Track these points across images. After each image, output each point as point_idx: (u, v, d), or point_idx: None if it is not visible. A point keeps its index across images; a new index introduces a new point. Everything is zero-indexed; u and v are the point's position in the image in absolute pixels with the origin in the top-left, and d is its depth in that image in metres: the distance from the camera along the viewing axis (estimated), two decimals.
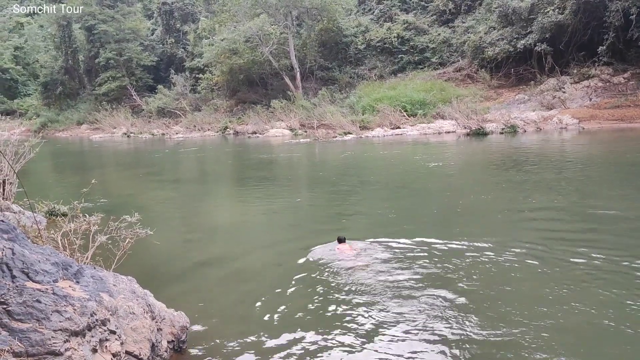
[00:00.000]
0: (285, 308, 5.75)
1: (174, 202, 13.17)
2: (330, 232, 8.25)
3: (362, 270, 6.75)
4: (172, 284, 6.71)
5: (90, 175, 12.44)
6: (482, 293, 5.76)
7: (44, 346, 3.53)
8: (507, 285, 5.98)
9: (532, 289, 5.83)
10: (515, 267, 6.53)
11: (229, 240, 8.80)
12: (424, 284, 6.08)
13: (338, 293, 5.97)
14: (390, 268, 6.72)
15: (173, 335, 4.78)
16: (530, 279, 6.18)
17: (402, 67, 36.21)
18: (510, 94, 29.33)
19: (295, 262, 7.25)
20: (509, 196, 10.74)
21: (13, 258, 4.26)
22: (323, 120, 30.60)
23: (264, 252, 7.83)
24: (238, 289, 6.42)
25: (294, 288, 6.34)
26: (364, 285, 6.14)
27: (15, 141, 11.18)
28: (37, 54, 60.39)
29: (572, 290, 5.76)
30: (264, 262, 7.40)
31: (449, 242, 7.60)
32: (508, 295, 5.67)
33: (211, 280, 6.79)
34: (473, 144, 21.32)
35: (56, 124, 50.58)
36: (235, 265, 7.33)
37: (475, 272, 6.38)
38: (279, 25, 36.98)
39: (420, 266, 6.71)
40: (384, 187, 13.12)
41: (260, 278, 6.79)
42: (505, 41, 29.36)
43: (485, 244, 7.36)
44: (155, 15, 53.60)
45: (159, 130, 40.53)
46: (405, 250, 7.35)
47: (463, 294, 5.75)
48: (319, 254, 7.46)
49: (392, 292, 5.90)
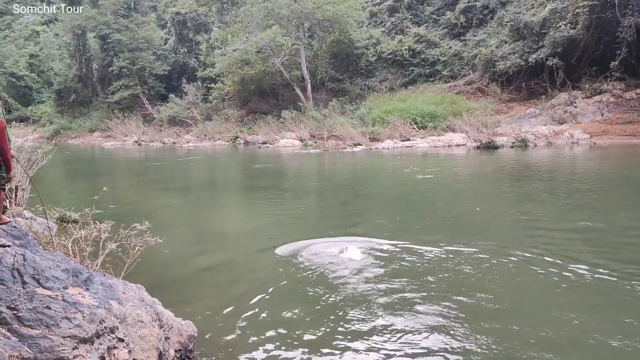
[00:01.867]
0: (295, 318, 5.75)
1: (183, 209, 13.23)
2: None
3: (361, 275, 6.89)
4: (180, 292, 6.73)
5: (101, 182, 12.52)
6: (482, 300, 5.73)
7: (53, 353, 3.54)
8: (512, 295, 5.94)
9: (536, 300, 5.79)
10: (520, 278, 6.50)
11: (238, 248, 8.81)
12: (409, 287, 6.07)
13: (350, 302, 5.96)
14: (384, 271, 6.76)
15: (180, 344, 4.78)
16: (535, 290, 6.14)
17: (413, 79, 36.27)
18: (521, 107, 29.25)
19: (304, 269, 7.27)
20: (518, 209, 10.69)
21: (24, 264, 4.30)
22: (333, 131, 30.65)
23: (272, 261, 7.84)
24: (247, 298, 6.42)
25: (304, 297, 6.35)
26: (371, 293, 6.13)
27: (28, 148, 11.31)
28: (52, 62, 61.16)
29: (574, 302, 5.72)
30: (272, 271, 7.40)
31: (450, 248, 7.60)
32: (511, 306, 5.63)
33: (219, 288, 6.80)
34: (483, 157, 21.26)
35: (69, 131, 51.07)
36: (244, 274, 7.34)
37: (480, 280, 6.36)
38: (291, 36, 37.24)
39: (406, 268, 6.78)
40: (390, 198, 13.10)
41: (269, 287, 6.79)
42: (516, 55, 29.34)
43: (488, 253, 7.35)
44: (169, 25, 54.16)
45: (169, 138, 40.78)
46: (398, 253, 7.46)
47: (463, 300, 5.73)
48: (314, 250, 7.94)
49: (395, 301, 5.90)
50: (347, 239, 8.87)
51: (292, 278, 7.05)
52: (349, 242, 8.62)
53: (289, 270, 7.37)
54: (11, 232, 4.77)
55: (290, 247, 8.49)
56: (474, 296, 6.09)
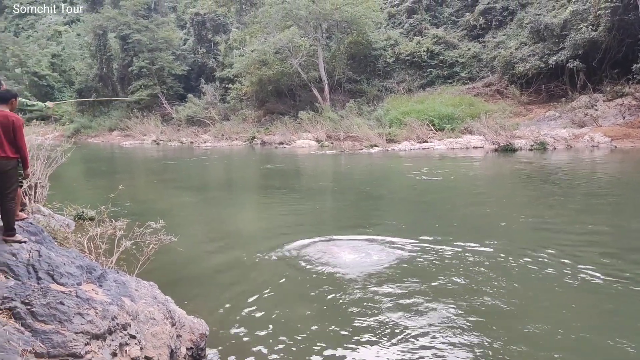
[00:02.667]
0: (307, 317, 5.76)
1: (198, 208, 13.32)
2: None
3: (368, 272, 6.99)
4: (193, 290, 6.76)
5: (118, 180, 12.67)
6: (492, 301, 5.67)
7: (65, 348, 3.58)
8: (522, 296, 5.87)
9: (547, 302, 5.71)
10: (530, 279, 6.44)
11: (251, 247, 8.83)
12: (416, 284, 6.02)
13: (361, 301, 5.94)
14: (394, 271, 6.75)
15: (192, 343, 4.80)
16: (546, 291, 6.06)
17: (430, 81, 36.06)
18: (540, 110, 28.90)
19: (317, 269, 7.27)
20: (533, 211, 10.57)
21: (39, 260, 4.35)
22: (350, 132, 30.59)
23: (285, 259, 7.85)
24: (258, 296, 6.43)
25: (316, 296, 6.36)
26: (380, 290, 6.11)
27: (48, 146, 11.49)
28: (74, 61, 62.04)
29: (584, 305, 5.63)
30: (284, 270, 7.41)
31: (462, 249, 7.54)
32: (521, 308, 5.56)
33: (231, 287, 6.82)
34: (501, 159, 21.06)
35: (89, 130, 51.74)
36: (256, 273, 7.36)
37: (489, 281, 6.30)
38: (309, 37, 37.27)
39: (417, 267, 6.73)
40: (405, 199, 13.06)
41: (281, 285, 6.81)
42: (536, 57, 28.99)
43: (501, 255, 7.27)
44: (188, 25, 54.59)
45: (187, 138, 41.08)
46: (409, 252, 7.42)
47: (473, 301, 5.67)
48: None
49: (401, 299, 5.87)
50: (359, 237, 8.91)
51: (304, 277, 7.06)
52: (362, 240, 8.69)
53: (301, 269, 7.39)
54: (27, 229, 4.84)
55: (302, 245, 8.55)
56: (483, 297, 6.05)
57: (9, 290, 3.80)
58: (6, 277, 4.04)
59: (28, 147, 5.05)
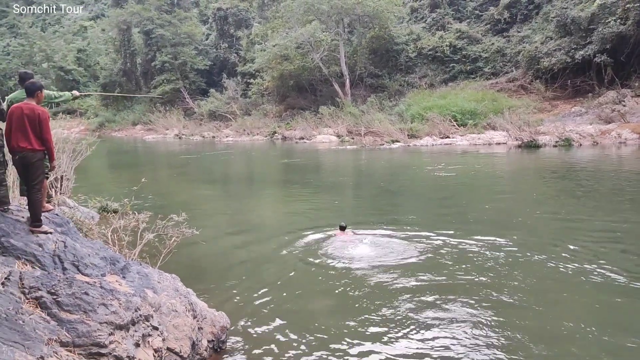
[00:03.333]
0: (326, 309, 5.77)
1: (219, 201, 13.43)
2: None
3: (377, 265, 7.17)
4: (213, 282, 6.81)
5: (141, 173, 12.79)
6: (509, 295, 5.60)
7: (90, 337, 3.64)
8: (539, 291, 5.78)
9: (561, 296, 5.62)
10: (547, 274, 6.35)
11: (271, 240, 8.88)
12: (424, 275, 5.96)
13: (380, 294, 5.92)
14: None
15: (213, 335, 4.84)
16: (562, 286, 5.97)
17: (453, 76, 35.66)
18: (565, 106, 28.38)
19: (335, 262, 7.29)
20: (554, 208, 10.41)
21: (65, 251, 4.43)
22: (371, 127, 30.45)
23: (304, 253, 7.87)
24: (278, 289, 6.46)
25: (334, 288, 6.38)
26: (397, 285, 6.08)
27: (73, 139, 11.68)
28: (98, 56, 62.87)
29: (598, 301, 5.53)
30: (304, 263, 7.44)
31: (475, 242, 7.45)
32: (536, 301, 5.48)
33: (251, 279, 6.85)
34: (524, 156, 20.76)
35: (113, 124, 52.43)
36: (276, 266, 7.39)
37: (506, 275, 6.23)
38: (330, 32, 37.14)
39: (436, 260, 6.71)
40: (425, 195, 12.96)
41: (301, 279, 6.83)
42: (562, 52, 28.43)
43: (520, 251, 7.17)
44: (210, 20, 54.87)
45: (209, 133, 41.37)
46: (429, 245, 7.40)
47: (490, 294, 5.60)
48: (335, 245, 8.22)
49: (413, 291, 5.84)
50: (377, 231, 8.92)
51: (323, 269, 7.09)
52: (380, 234, 8.79)
53: (320, 261, 7.43)
54: (53, 220, 4.92)
55: (321, 238, 8.60)
56: (501, 292, 6.02)
57: (36, 280, 3.87)
58: (33, 267, 4.12)
59: (54, 140, 5.13)
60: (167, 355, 4.25)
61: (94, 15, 77.66)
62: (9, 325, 3.36)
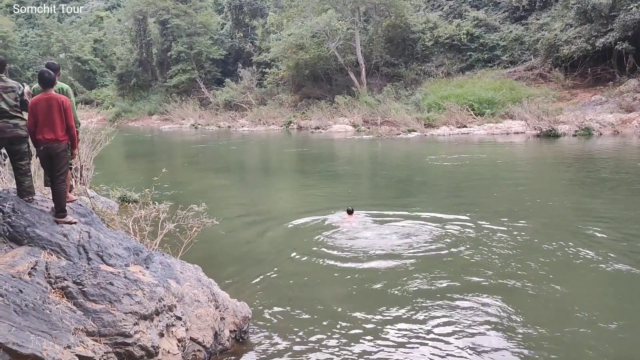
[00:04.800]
0: (347, 298, 5.77)
1: (236, 190, 13.48)
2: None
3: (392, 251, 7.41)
4: (234, 272, 6.84)
5: (158, 163, 12.89)
6: (524, 284, 5.54)
7: (115, 327, 3.67)
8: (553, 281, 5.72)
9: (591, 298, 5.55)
10: (563, 263, 6.26)
11: (289, 230, 8.91)
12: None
13: (394, 282, 5.91)
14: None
15: (235, 325, 4.86)
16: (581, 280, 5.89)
17: (470, 64, 35.23)
18: (585, 94, 27.90)
19: (355, 253, 7.30)
20: (571, 198, 10.27)
21: (89, 241, 4.46)
22: (387, 117, 30.27)
23: (323, 243, 7.88)
24: (298, 279, 6.47)
25: (351, 277, 6.42)
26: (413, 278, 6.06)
27: (93, 129, 11.76)
28: (115, 46, 63.11)
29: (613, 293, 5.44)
30: (323, 252, 7.45)
31: (488, 230, 7.38)
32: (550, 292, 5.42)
33: (271, 269, 6.87)
34: (543, 145, 20.50)
35: (129, 113, 52.75)
36: (294, 255, 7.39)
37: (524, 266, 6.16)
38: (346, 20, 36.89)
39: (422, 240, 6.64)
40: (440, 185, 12.88)
41: (320, 267, 6.85)
42: (582, 39, 27.88)
43: (535, 240, 7.10)
44: (226, 10, 54.78)
45: (225, 122, 41.45)
46: (441, 232, 7.30)
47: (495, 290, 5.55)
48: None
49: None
50: (392, 221, 8.96)
51: (341, 258, 7.13)
52: (395, 224, 8.91)
53: (338, 249, 7.48)
54: (77, 210, 4.96)
55: (338, 227, 8.69)
56: (513, 279, 6.01)
57: (62, 270, 3.91)
58: (58, 257, 4.16)
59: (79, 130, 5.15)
60: (191, 345, 4.28)
61: (110, 6, 77.92)
62: (37, 315, 3.39)
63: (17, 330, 3.15)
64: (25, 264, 3.81)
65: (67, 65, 58.76)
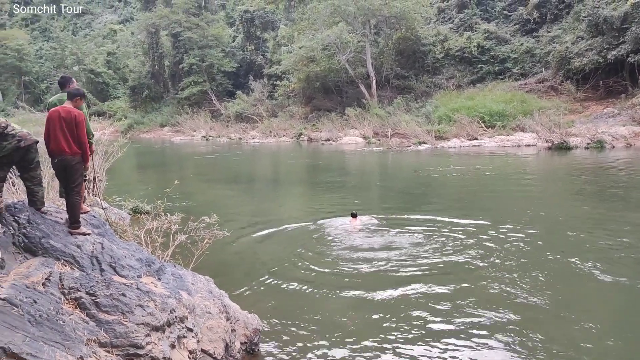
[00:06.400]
0: (359, 311, 5.75)
1: (246, 201, 13.50)
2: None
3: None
4: (244, 283, 6.84)
5: (170, 174, 12.99)
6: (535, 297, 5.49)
7: (127, 339, 3.68)
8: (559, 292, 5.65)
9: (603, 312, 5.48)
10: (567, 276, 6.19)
11: (299, 241, 8.91)
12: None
13: (404, 290, 5.89)
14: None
15: (246, 337, 4.86)
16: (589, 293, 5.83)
17: (481, 77, 35.24)
18: (597, 107, 27.77)
19: (365, 263, 7.29)
20: (584, 211, 10.18)
21: (102, 252, 4.49)
22: (397, 129, 30.29)
23: (332, 254, 7.88)
24: (308, 291, 6.46)
25: (362, 287, 6.41)
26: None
27: (105, 141, 11.87)
28: (127, 59, 63.94)
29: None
30: (332, 263, 7.45)
31: (496, 239, 7.32)
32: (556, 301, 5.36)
33: (281, 281, 6.86)
34: (554, 158, 20.38)
35: (141, 125, 53.21)
36: (304, 266, 7.39)
37: (529, 276, 6.11)
38: (357, 33, 37.10)
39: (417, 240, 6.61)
40: (451, 197, 12.81)
41: (329, 279, 6.83)
42: (594, 52, 27.82)
43: (547, 254, 7.04)
44: (237, 22, 55.35)
45: (236, 134, 41.69)
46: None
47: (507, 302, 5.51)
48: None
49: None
50: (399, 230, 8.99)
51: (351, 268, 7.13)
52: (402, 232, 8.99)
53: (348, 261, 7.46)
54: (90, 221, 5.00)
55: (343, 233, 8.74)
56: (522, 294, 5.89)
57: (75, 281, 3.94)
58: (72, 268, 4.20)
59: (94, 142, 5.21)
60: (202, 357, 4.28)
61: (123, 19, 79.12)
62: (50, 325, 3.42)
63: (31, 340, 3.18)
64: (39, 274, 3.84)
65: (80, 77, 59.51)
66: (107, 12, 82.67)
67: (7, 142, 4.33)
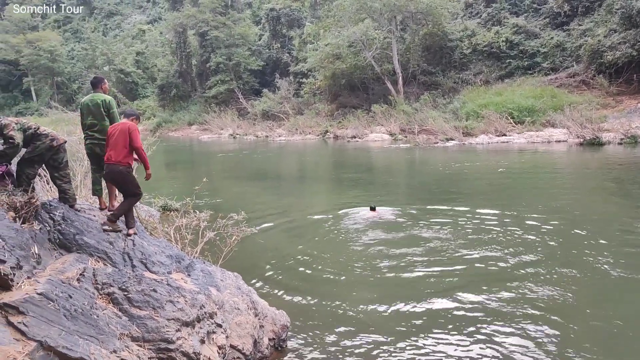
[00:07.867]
0: (387, 307, 5.74)
1: (275, 199, 13.57)
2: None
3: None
4: (272, 280, 6.89)
5: (198, 172, 13.14)
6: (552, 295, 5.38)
7: (159, 333, 3.76)
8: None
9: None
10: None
11: (326, 237, 8.94)
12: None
13: (427, 286, 5.85)
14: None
15: (274, 333, 4.90)
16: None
17: (509, 72, 34.62)
18: (631, 101, 27.03)
19: (392, 259, 7.27)
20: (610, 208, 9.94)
21: (134, 249, 4.59)
22: (424, 125, 30.03)
23: (359, 251, 7.87)
24: (339, 287, 6.47)
25: (393, 285, 6.37)
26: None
27: None
28: (156, 58, 64.84)
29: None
30: (358, 259, 7.45)
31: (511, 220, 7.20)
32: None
33: (309, 277, 6.90)
34: (586, 154, 19.94)
35: (170, 124, 53.92)
36: (331, 263, 7.40)
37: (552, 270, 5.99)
38: (383, 29, 36.89)
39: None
40: (479, 196, 12.65)
41: (360, 276, 6.83)
42: (627, 45, 27.07)
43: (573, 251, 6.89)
44: (263, 21, 55.59)
45: (262, 132, 41.91)
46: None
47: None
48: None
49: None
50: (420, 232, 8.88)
51: (377, 264, 7.09)
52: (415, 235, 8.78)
53: (374, 258, 7.42)
54: (122, 218, 5.10)
55: (366, 227, 8.73)
56: (550, 293, 5.78)
57: (108, 277, 4.03)
58: (105, 264, 4.30)
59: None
60: (231, 352, 4.34)
61: (152, 19, 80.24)
62: (85, 320, 3.51)
63: (66, 334, 3.27)
64: (74, 270, 3.95)
65: (110, 77, 60.66)
66: (136, 13, 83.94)
67: (41, 142, 4.65)
